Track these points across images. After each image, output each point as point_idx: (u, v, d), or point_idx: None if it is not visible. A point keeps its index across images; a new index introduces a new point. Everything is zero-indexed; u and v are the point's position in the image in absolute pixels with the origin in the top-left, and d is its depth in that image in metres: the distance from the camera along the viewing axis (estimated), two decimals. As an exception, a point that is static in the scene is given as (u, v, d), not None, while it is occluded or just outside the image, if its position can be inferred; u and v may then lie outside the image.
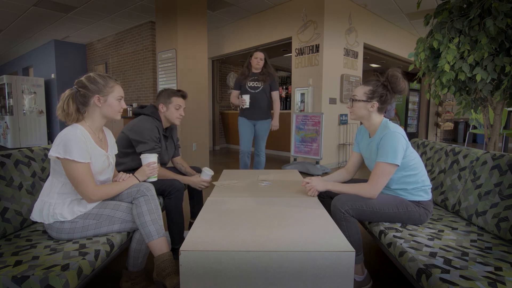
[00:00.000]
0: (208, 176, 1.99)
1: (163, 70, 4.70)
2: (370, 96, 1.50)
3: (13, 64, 10.01)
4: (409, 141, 1.51)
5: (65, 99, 1.33)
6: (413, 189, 1.50)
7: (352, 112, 1.57)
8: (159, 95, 2.01)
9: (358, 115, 1.56)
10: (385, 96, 1.49)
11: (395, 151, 1.40)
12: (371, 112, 1.53)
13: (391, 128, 1.45)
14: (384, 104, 1.52)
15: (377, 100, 1.50)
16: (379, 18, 5.78)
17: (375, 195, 1.45)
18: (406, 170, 1.49)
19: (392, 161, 1.40)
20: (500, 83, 2.17)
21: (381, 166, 1.42)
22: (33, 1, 4.99)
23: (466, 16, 2.18)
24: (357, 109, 1.54)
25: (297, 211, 1.48)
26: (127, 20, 6.07)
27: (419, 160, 1.53)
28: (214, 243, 1.06)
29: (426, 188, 1.52)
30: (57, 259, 1.10)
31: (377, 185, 1.43)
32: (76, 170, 1.25)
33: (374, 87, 1.50)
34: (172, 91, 2.01)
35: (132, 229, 1.42)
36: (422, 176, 1.51)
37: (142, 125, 1.87)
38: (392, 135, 1.42)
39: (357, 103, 1.53)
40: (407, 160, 1.48)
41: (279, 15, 5.26)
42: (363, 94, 1.52)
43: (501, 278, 0.99)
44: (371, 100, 1.50)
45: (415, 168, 1.49)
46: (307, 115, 4.65)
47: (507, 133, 4.59)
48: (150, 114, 1.96)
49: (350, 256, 1.01)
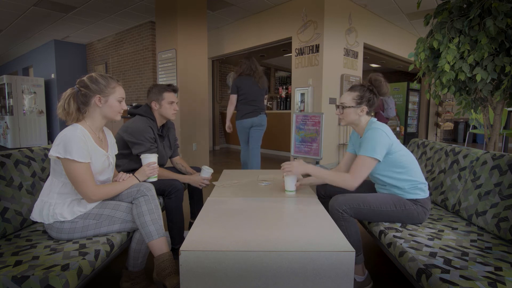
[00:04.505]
0: (208, 174, 1.99)
1: (163, 70, 4.70)
2: (359, 101, 1.57)
3: (13, 64, 10.01)
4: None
5: (66, 98, 1.33)
6: (408, 187, 1.51)
7: (343, 119, 1.63)
8: (149, 92, 1.98)
9: (348, 121, 1.61)
10: (372, 100, 1.57)
11: (374, 145, 1.45)
12: (360, 117, 1.59)
13: (374, 125, 1.52)
14: (372, 107, 1.58)
15: (366, 104, 1.57)
16: (379, 18, 5.78)
17: (354, 187, 1.47)
18: (396, 167, 1.51)
19: (371, 154, 1.44)
20: (500, 83, 2.17)
21: (361, 158, 1.47)
22: (33, 1, 4.99)
23: (466, 16, 2.18)
24: (347, 116, 1.60)
25: (297, 211, 1.48)
26: (127, 20, 6.07)
27: (411, 158, 1.54)
28: (214, 243, 1.06)
29: (422, 186, 1.52)
30: (57, 259, 1.10)
31: (356, 177, 1.46)
32: (76, 170, 1.25)
33: (361, 92, 1.57)
34: (162, 86, 1.98)
35: (132, 229, 1.42)
36: (415, 173, 1.52)
37: (136, 126, 1.85)
38: (373, 131, 1.48)
39: (347, 109, 1.58)
40: (395, 157, 1.50)
41: (279, 15, 5.26)
42: (351, 100, 1.57)
43: (501, 278, 0.99)
44: (360, 105, 1.57)
45: (406, 166, 1.51)
46: (307, 115, 4.65)
47: (507, 133, 4.59)
48: (144, 113, 1.94)
49: (350, 256, 1.01)
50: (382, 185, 1.61)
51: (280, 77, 9.66)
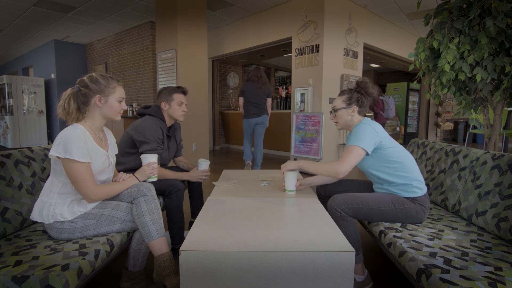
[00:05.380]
0: (206, 166, 1.99)
1: (163, 70, 4.70)
2: (348, 102, 1.65)
3: (13, 64, 10.01)
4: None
5: (66, 98, 1.33)
6: (404, 183, 1.52)
7: (337, 122, 1.71)
8: (160, 94, 2.02)
9: (342, 123, 1.69)
10: (362, 100, 1.64)
11: (360, 137, 1.52)
12: (353, 117, 1.65)
13: (364, 121, 1.60)
14: (362, 107, 1.65)
15: (356, 104, 1.64)
16: (379, 18, 5.78)
17: (340, 172, 1.50)
18: (390, 163, 1.54)
19: (357, 143, 1.51)
20: (500, 83, 2.17)
21: (349, 148, 1.54)
22: (33, 1, 4.99)
23: (466, 16, 2.17)
24: (340, 117, 1.67)
25: (297, 211, 1.48)
26: (127, 20, 6.07)
27: (404, 154, 1.56)
28: (214, 243, 1.06)
29: (419, 184, 1.53)
30: (57, 259, 1.10)
31: (343, 162, 1.50)
32: (77, 170, 1.25)
33: (349, 94, 1.66)
34: (172, 88, 2.02)
35: (132, 229, 1.42)
36: (409, 169, 1.53)
37: (146, 126, 1.87)
38: (361, 125, 1.56)
39: (339, 111, 1.67)
40: (388, 153, 1.53)
41: (279, 15, 5.26)
42: (341, 102, 1.66)
43: (501, 278, 0.99)
44: (350, 106, 1.64)
45: (399, 161, 1.53)
46: (307, 115, 4.65)
47: (507, 133, 4.59)
48: (154, 114, 1.96)
49: (350, 256, 1.01)
50: (379, 183, 1.62)
51: (280, 77, 9.65)
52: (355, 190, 1.77)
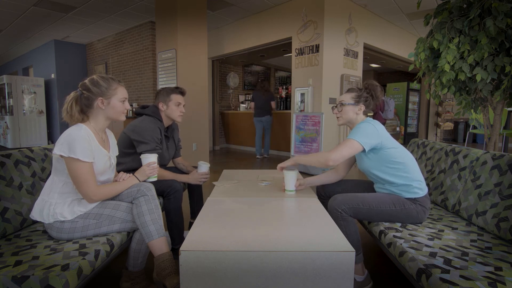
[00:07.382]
0: (206, 169, 1.99)
1: (163, 70, 4.70)
2: (357, 100, 1.64)
3: (13, 64, 10.00)
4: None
5: (69, 102, 1.35)
6: (405, 184, 1.52)
7: (340, 117, 1.69)
8: (158, 94, 2.01)
9: (346, 119, 1.67)
10: (369, 100, 1.65)
11: (359, 133, 1.53)
12: (357, 115, 1.65)
13: (367, 119, 1.62)
14: (368, 107, 1.65)
15: (363, 103, 1.64)
16: (379, 18, 5.78)
17: (331, 159, 1.50)
18: (391, 163, 1.53)
19: (353, 137, 1.52)
20: (500, 83, 2.17)
21: (346, 140, 1.55)
22: (33, 1, 4.99)
23: (466, 16, 2.17)
24: (345, 113, 1.66)
25: (297, 211, 1.48)
26: (127, 20, 6.07)
27: (405, 154, 1.56)
28: (214, 243, 1.06)
29: (420, 184, 1.53)
30: (57, 259, 1.10)
31: (335, 152, 1.51)
32: (79, 169, 1.26)
33: (358, 93, 1.65)
34: (170, 88, 2.01)
35: (132, 229, 1.42)
36: (411, 170, 1.53)
37: (144, 126, 1.87)
38: (363, 123, 1.57)
39: (346, 107, 1.65)
40: (389, 153, 1.53)
41: (279, 15, 5.26)
42: (350, 98, 1.65)
43: (501, 278, 0.99)
44: (358, 104, 1.64)
45: (401, 162, 1.53)
46: (307, 115, 4.65)
47: (507, 133, 4.59)
48: (152, 114, 1.96)
49: (350, 256, 1.01)
50: (380, 183, 1.62)
51: (280, 77, 9.65)
52: (355, 190, 1.77)
